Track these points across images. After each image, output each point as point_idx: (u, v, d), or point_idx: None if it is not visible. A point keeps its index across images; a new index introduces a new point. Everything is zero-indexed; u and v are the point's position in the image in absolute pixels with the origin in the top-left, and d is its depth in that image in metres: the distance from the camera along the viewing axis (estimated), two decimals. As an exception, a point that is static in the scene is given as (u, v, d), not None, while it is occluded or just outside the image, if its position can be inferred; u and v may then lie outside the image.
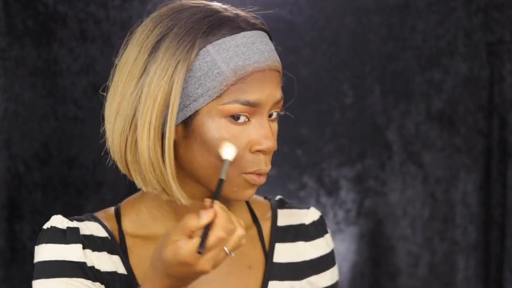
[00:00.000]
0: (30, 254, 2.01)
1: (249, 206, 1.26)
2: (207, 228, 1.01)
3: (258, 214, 1.26)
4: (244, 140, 1.10)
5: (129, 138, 1.11)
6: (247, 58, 1.09)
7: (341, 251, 2.13)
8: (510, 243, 2.09)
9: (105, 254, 1.16)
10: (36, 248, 1.16)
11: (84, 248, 1.15)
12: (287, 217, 1.27)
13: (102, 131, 1.16)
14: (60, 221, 1.17)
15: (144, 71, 1.10)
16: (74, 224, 1.16)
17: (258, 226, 1.24)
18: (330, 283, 1.27)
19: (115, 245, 1.17)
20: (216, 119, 1.09)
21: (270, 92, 1.11)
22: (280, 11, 2.08)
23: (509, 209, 2.10)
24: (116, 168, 1.17)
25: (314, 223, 1.28)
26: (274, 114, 1.13)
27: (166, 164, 1.10)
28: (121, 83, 1.12)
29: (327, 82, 2.12)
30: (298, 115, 2.06)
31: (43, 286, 1.13)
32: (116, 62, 1.14)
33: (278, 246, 1.24)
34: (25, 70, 2.00)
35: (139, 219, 1.19)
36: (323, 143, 2.14)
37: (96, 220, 1.18)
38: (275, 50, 1.15)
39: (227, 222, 1.02)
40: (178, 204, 1.14)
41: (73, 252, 1.14)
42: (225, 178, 1.07)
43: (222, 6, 1.14)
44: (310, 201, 2.14)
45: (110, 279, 1.15)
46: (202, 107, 1.09)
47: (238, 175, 1.11)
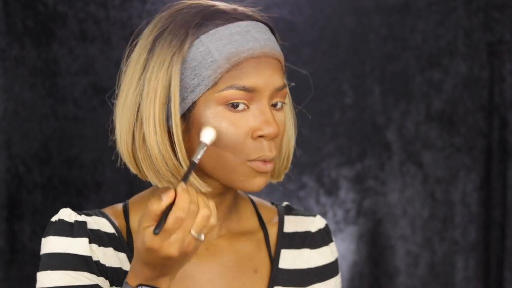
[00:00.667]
0: (30, 254, 2.01)
1: (256, 210, 1.26)
2: (167, 209, 0.99)
3: (265, 219, 1.25)
4: (243, 127, 1.09)
5: (136, 134, 1.11)
6: (241, 45, 1.09)
7: (340, 251, 2.12)
8: (510, 243, 2.09)
9: (111, 250, 1.16)
10: (43, 240, 1.16)
11: (90, 242, 1.15)
12: (294, 223, 1.27)
13: (111, 140, 1.16)
14: (68, 214, 1.16)
15: (144, 69, 1.11)
16: (82, 218, 1.16)
17: (265, 231, 1.24)
18: None
19: (123, 243, 1.17)
20: (213, 107, 1.09)
21: (267, 77, 1.10)
22: (280, 11, 2.08)
23: (509, 209, 2.09)
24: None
25: (320, 231, 1.28)
26: (279, 104, 1.12)
27: (178, 155, 1.09)
28: (125, 86, 1.13)
29: (327, 82, 2.12)
30: (298, 115, 2.06)
31: (47, 278, 1.13)
32: (121, 67, 1.15)
33: (284, 252, 1.24)
34: (25, 70, 2.00)
35: None
36: (323, 143, 2.13)
37: (104, 216, 1.18)
38: (280, 45, 1.14)
39: (188, 203, 1.00)
40: None
41: (79, 245, 1.14)
42: (197, 162, 1.05)
43: (222, 3, 1.14)
44: (309, 201, 2.14)
45: (114, 275, 1.15)
46: (199, 97, 1.09)
47: (243, 163, 1.10)
